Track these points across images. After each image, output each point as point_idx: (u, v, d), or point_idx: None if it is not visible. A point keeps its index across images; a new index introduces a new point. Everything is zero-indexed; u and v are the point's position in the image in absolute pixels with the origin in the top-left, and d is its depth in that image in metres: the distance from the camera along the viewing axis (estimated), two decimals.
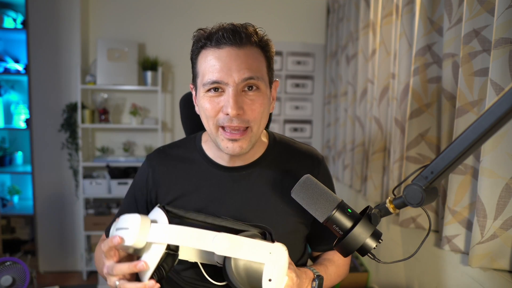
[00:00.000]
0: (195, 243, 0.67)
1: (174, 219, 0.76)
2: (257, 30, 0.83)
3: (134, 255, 0.74)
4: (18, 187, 2.90)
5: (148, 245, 0.68)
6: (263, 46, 0.84)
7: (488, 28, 1.06)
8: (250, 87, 0.80)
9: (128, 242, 0.66)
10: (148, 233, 0.66)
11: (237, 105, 0.78)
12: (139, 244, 0.66)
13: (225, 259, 0.73)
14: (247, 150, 0.84)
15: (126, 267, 0.68)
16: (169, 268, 0.74)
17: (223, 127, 0.82)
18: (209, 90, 0.81)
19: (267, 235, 0.77)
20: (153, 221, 0.68)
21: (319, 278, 0.83)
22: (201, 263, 0.82)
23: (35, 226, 2.78)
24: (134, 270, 0.68)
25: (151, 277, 0.68)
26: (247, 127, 0.82)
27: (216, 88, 0.80)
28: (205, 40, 0.81)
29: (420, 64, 1.37)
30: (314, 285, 0.82)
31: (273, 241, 0.74)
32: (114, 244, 0.67)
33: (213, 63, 0.79)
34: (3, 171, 2.77)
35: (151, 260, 0.67)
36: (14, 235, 2.88)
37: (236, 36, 0.78)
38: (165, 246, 0.68)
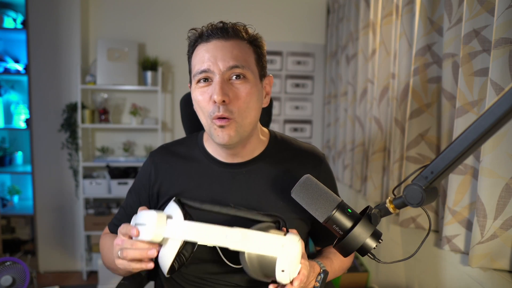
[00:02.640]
0: (209, 239, 0.69)
1: (191, 210, 0.78)
2: (247, 28, 0.87)
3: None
4: (18, 187, 2.90)
5: (165, 239, 0.71)
6: (252, 40, 0.87)
7: (488, 28, 1.06)
8: (237, 77, 0.83)
9: (145, 238, 0.69)
10: (164, 229, 0.69)
11: (222, 91, 0.80)
12: (156, 240, 0.69)
13: None
14: (236, 139, 0.85)
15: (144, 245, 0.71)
16: (189, 254, 0.77)
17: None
18: (199, 81, 0.84)
19: (281, 223, 0.78)
20: (169, 217, 0.71)
21: (325, 273, 0.84)
22: (219, 247, 0.83)
23: (35, 226, 2.78)
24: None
25: (172, 266, 0.72)
26: (232, 118, 0.83)
27: (206, 78, 0.83)
28: (197, 38, 0.86)
29: (420, 64, 1.37)
30: (318, 279, 0.84)
31: (286, 230, 0.76)
32: (133, 235, 0.70)
33: (201, 55, 0.84)
34: (3, 171, 2.77)
35: (168, 253, 0.70)
36: (14, 235, 2.87)
37: (223, 31, 0.83)
38: (181, 242, 0.70)
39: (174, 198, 0.75)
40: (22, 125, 2.80)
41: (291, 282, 0.71)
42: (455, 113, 1.14)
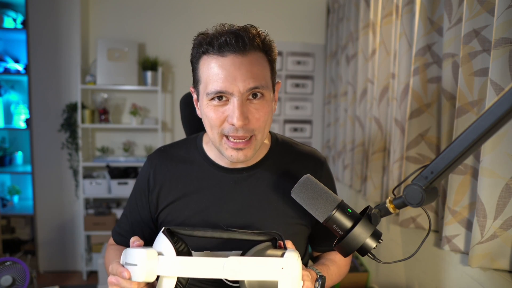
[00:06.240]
0: (205, 273, 0.66)
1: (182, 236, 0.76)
2: (259, 31, 0.82)
3: None
4: (18, 187, 2.90)
5: (159, 276, 0.68)
6: (267, 50, 0.82)
7: (488, 28, 1.06)
8: (254, 95, 0.79)
9: (138, 279, 0.66)
10: (157, 268, 0.66)
11: (243, 115, 0.77)
12: (150, 280, 0.67)
13: None
14: (252, 157, 0.84)
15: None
16: (186, 280, 0.75)
17: (227, 136, 0.81)
18: (212, 98, 0.79)
19: (277, 240, 0.77)
20: (160, 253, 0.68)
21: (322, 278, 0.83)
22: None
23: (35, 226, 2.78)
24: None
25: None
26: (251, 136, 0.82)
27: (220, 97, 0.79)
28: (207, 45, 0.78)
29: (420, 64, 1.37)
30: (317, 285, 0.82)
31: (284, 247, 0.74)
32: (124, 278, 0.68)
33: (216, 72, 0.77)
34: (3, 171, 2.77)
35: None
36: (14, 235, 2.88)
37: (239, 41, 0.76)
38: (175, 279, 0.68)
39: (163, 229, 0.71)
40: (22, 125, 2.80)
41: None
42: (455, 113, 1.14)
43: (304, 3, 3.04)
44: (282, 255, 0.69)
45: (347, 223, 0.69)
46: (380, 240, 0.68)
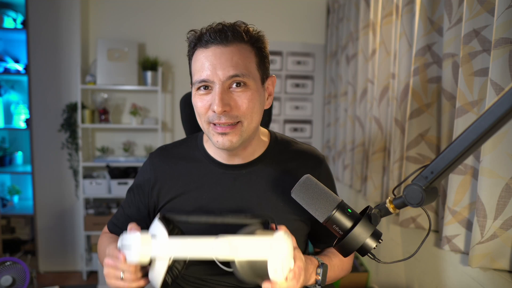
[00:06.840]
0: (196, 253, 0.69)
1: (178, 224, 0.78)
2: (248, 27, 0.84)
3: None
4: (18, 187, 2.90)
5: (153, 259, 0.71)
6: (253, 42, 0.85)
7: (488, 28, 1.06)
8: (237, 84, 0.82)
9: (132, 260, 0.69)
10: (150, 250, 0.69)
11: (223, 102, 0.80)
12: (143, 261, 0.69)
13: None
14: (238, 144, 0.85)
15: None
16: (182, 267, 0.77)
17: (214, 124, 0.84)
18: (199, 88, 0.83)
19: (269, 223, 0.79)
20: (154, 236, 0.71)
21: (324, 266, 0.84)
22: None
23: (35, 226, 2.78)
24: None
25: (165, 282, 0.72)
26: (237, 122, 0.83)
27: (206, 86, 0.82)
28: (196, 41, 0.84)
29: (420, 64, 1.37)
30: (318, 271, 0.83)
31: (275, 228, 0.76)
32: (120, 261, 0.70)
33: (201, 63, 0.82)
34: (3, 171, 2.77)
35: (157, 272, 0.71)
36: (14, 235, 2.88)
37: (222, 35, 0.80)
38: (168, 260, 0.70)
39: (158, 216, 0.74)
40: (22, 125, 2.80)
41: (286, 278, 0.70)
42: (455, 113, 1.14)
43: (304, 3, 3.04)
44: (273, 234, 0.71)
45: (347, 223, 0.69)
46: (380, 240, 0.68)
